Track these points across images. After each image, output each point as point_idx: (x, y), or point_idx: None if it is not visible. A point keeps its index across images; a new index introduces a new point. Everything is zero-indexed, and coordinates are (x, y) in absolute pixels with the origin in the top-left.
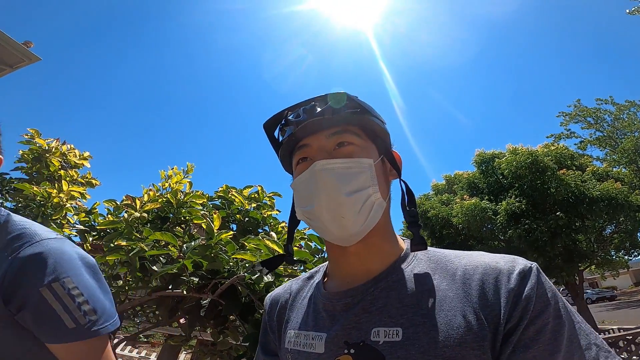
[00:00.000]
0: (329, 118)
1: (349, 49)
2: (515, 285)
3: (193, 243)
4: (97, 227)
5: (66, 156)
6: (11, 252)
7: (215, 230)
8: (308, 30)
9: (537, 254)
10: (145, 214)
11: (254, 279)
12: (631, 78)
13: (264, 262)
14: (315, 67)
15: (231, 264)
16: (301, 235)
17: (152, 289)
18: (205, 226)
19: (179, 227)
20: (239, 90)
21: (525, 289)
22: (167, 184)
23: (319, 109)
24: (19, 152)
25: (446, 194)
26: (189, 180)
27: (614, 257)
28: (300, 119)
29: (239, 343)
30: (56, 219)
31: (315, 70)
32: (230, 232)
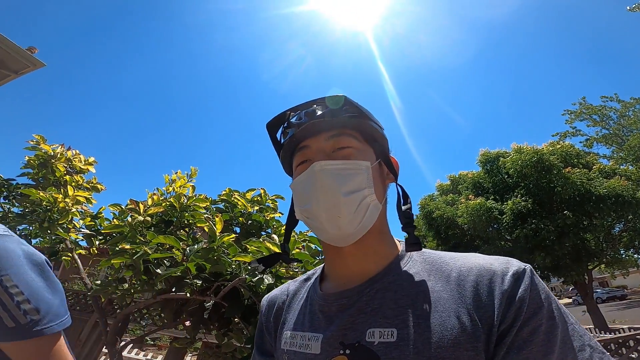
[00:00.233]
0: (328, 120)
1: (348, 50)
2: (509, 287)
3: (196, 246)
4: (102, 231)
5: (71, 162)
6: None
7: (217, 233)
8: (308, 31)
9: (545, 254)
10: (149, 218)
11: (254, 281)
12: (631, 78)
13: (261, 260)
14: (314, 68)
15: (233, 266)
16: (304, 237)
17: (157, 292)
18: (207, 229)
19: (183, 231)
20: (239, 90)
21: (519, 290)
22: (172, 188)
23: (319, 112)
24: (25, 158)
25: (451, 195)
26: (192, 184)
27: (623, 256)
28: (301, 121)
29: (243, 345)
30: (62, 224)
31: (314, 71)
32: (232, 235)
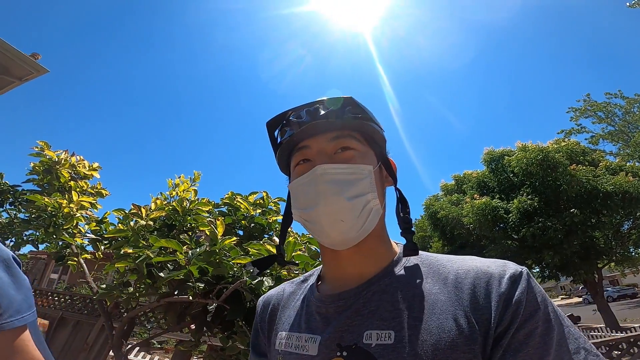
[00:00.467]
0: (331, 121)
1: (347, 51)
2: (505, 290)
3: (198, 249)
4: (106, 236)
5: (76, 167)
6: None
7: (219, 237)
8: (307, 31)
9: (554, 253)
10: (151, 222)
11: (254, 283)
12: (631, 78)
13: (255, 262)
14: (313, 68)
15: (235, 269)
16: (306, 239)
17: (161, 295)
18: (209, 232)
19: (186, 234)
20: (238, 90)
21: (516, 293)
22: (175, 192)
23: (323, 112)
24: (30, 165)
25: (456, 194)
26: (194, 188)
27: (633, 254)
28: (302, 120)
29: (248, 348)
30: (67, 229)
31: (313, 71)
32: (234, 238)
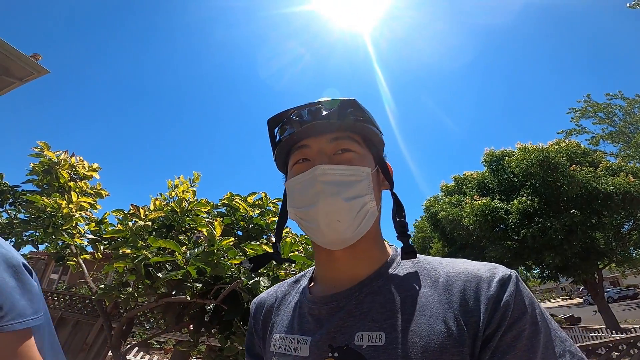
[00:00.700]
0: (332, 122)
1: (346, 52)
2: (494, 292)
3: (196, 250)
4: (104, 236)
5: (75, 168)
6: None
7: (216, 237)
8: (307, 30)
9: (554, 253)
10: (150, 223)
11: (250, 283)
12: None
13: (252, 260)
14: (312, 67)
15: (233, 269)
16: (305, 239)
17: (159, 295)
18: (207, 233)
19: (184, 235)
20: (237, 88)
21: (504, 296)
22: (174, 193)
23: (324, 112)
24: (30, 165)
25: (456, 195)
26: (193, 189)
27: (633, 255)
28: (303, 120)
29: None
30: (66, 229)
31: (311, 70)
32: (232, 239)
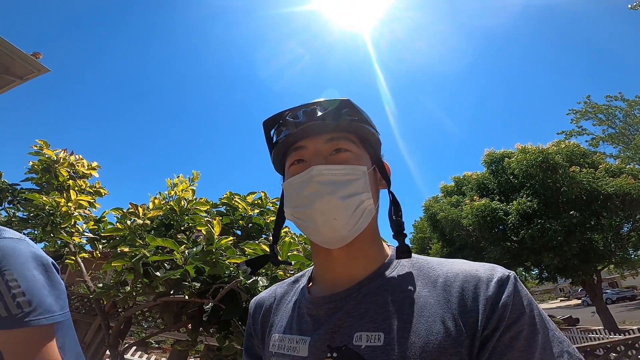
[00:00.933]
0: (328, 123)
1: (346, 52)
2: (493, 293)
3: (195, 249)
4: (102, 235)
5: (74, 166)
6: None
7: (215, 236)
8: (307, 30)
9: (554, 254)
10: (148, 221)
11: (249, 283)
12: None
13: (249, 262)
14: (311, 67)
15: (231, 269)
16: (303, 239)
17: (158, 294)
18: (205, 232)
19: (183, 234)
20: (237, 87)
21: (503, 296)
22: (173, 192)
23: (319, 113)
24: (29, 163)
25: (455, 196)
26: (192, 188)
27: (632, 256)
28: (299, 121)
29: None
30: (65, 227)
31: (311, 70)
32: (230, 238)
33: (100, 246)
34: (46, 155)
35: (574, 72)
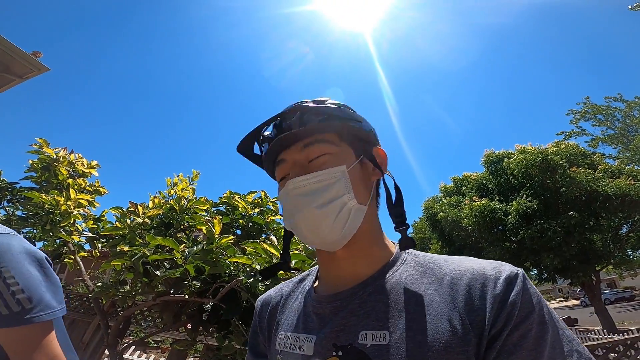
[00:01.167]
0: (296, 132)
1: (347, 51)
2: (501, 291)
3: (195, 248)
4: (102, 233)
5: (74, 165)
6: None
7: (215, 235)
8: (308, 30)
9: (553, 255)
10: (148, 220)
11: (250, 282)
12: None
13: (262, 272)
14: (313, 67)
15: (232, 268)
16: None
17: (157, 294)
18: (206, 231)
19: (183, 233)
20: (239, 88)
21: (511, 294)
22: (173, 191)
23: (287, 123)
24: (29, 162)
25: (455, 196)
26: (192, 187)
27: (631, 257)
28: (271, 136)
29: (243, 347)
30: (64, 226)
31: (313, 70)
32: (231, 237)
33: (99, 245)
34: (46, 154)
35: (574, 72)
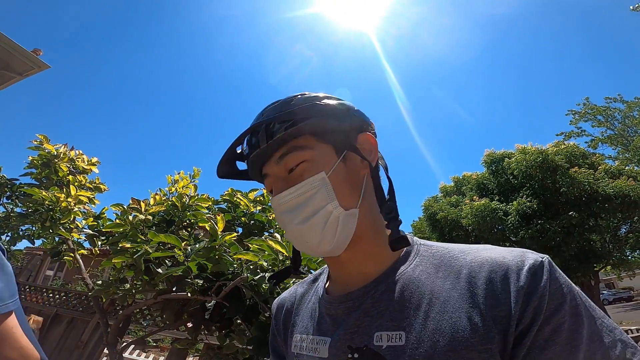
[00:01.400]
0: (264, 148)
1: (353, 51)
2: (525, 283)
3: (197, 245)
4: (103, 230)
5: (74, 162)
6: None
7: (219, 232)
8: (312, 33)
9: (552, 255)
10: (150, 217)
11: (256, 279)
12: (635, 77)
13: (272, 277)
14: (320, 69)
15: (235, 265)
16: None
17: (158, 292)
18: (209, 228)
19: (185, 231)
20: (245, 93)
21: (537, 286)
22: (174, 189)
23: (256, 137)
24: (29, 158)
25: (455, 196)
26: (194, 184)
27: (629, 257)
28: (246, 154)
29: (245, 346)
30: (64, 223)
31: (320, 72)
32: (234, 234)
33: (99, 243)
34: (46, 150)
35: (577, 72)
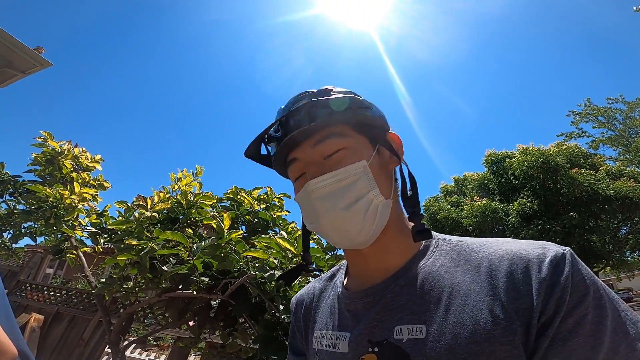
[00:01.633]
0: (305, 129)
1: (355, 51)
2: (547, 275)
3: (203, 243)
4: (108, 227)
5: (78, 159)
6: None
7: (225, 230)
8: (314, 34)
9: None
10: (155, 214)
11: (266, 276)
12: (632, 81)
13: (282, 276)
14: (322, 70)
15: (241, 263)
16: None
17: (162, 290)
18: (215, 226)
19: (189, 228)
20: (246, 94)
21: (560, 278)
22: (177, 187)
23: (295, 119)
24: (32, 155)
25: (455, 196)
26: (198, 181)
27: (629, 258)
28: (278, 135)
29: (249, 345)
30: (68, 220)
31: (322, 73)
32: (241, 232)
33: (102, 240)
34: (50, 147)
35: (577, 73)
